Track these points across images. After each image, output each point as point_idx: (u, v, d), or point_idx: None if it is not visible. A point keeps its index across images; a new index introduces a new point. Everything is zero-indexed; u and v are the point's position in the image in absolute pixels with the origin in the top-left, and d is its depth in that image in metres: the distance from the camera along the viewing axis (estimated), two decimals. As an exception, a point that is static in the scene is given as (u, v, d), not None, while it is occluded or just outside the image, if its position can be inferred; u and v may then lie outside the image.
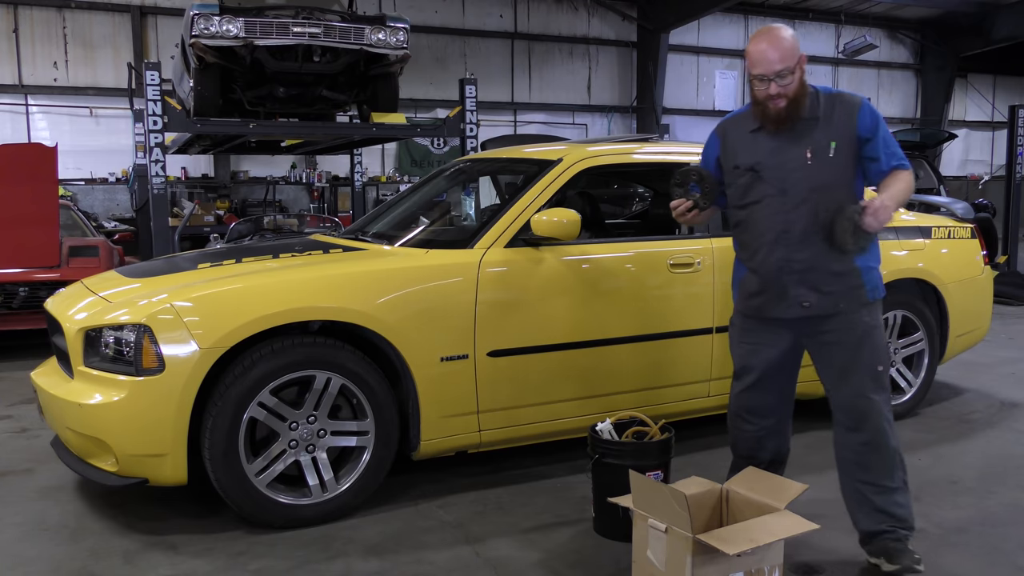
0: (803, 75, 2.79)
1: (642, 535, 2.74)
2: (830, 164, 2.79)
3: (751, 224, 2.92)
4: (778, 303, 2.89)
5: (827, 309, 2.84)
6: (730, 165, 2.96)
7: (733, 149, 2.95)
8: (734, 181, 2.95)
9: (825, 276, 2.82)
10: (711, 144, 3.08)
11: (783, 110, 2.78)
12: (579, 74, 16.38)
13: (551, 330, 3.65)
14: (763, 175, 2.84)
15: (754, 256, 2.93)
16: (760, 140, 2.87)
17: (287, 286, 3.35)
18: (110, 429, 3.12)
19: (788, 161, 2.81)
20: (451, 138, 11.45)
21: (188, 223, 9.61)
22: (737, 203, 2.96)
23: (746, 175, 2.89)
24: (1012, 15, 16.60)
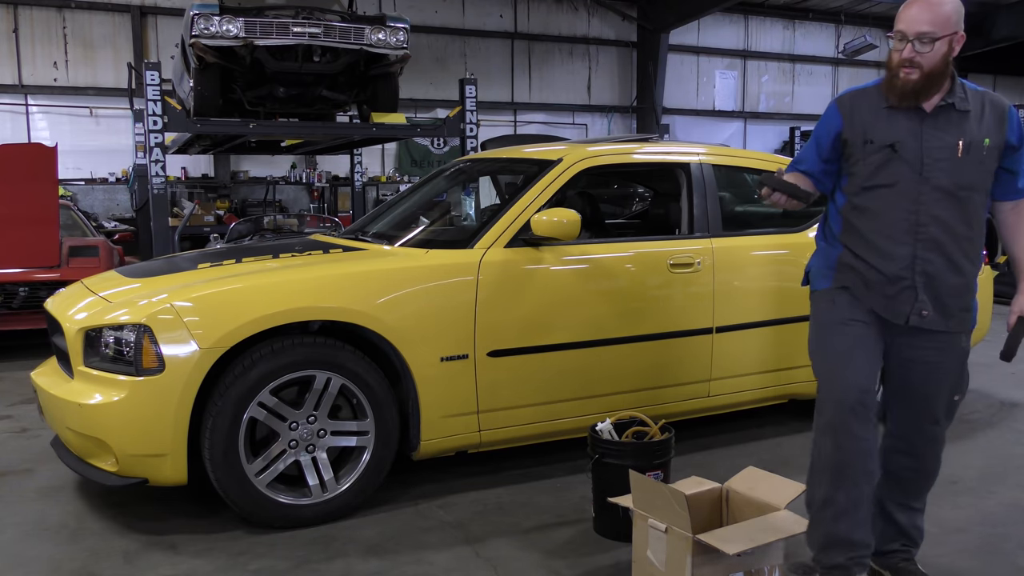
0: (951, 53, 2.44)
1: (642, 535, 2.74)
2: (980, 163, 2.50)
3: (877, 209, 2.54)
4: (894, 305, 2.54)
5: (939, 324, 2.55)
6: (859, 139, 2.57)
7: (864, 123, 2.57)
8: (863, 158, 2.55)
9: (948, 287, 2.52)
10: (830, 118, 2.66)
11: (913, 83, 2.43)
12: (579, 74, 16.37)
13: (551, 330, 3.65)
14: (904, 156, 2.49)
15: (873, 245, 2.55)
16: (901, 119, 2.52)
17: (287, 286, 3.35)
18: (110, 429, 3.12)
19: (936, 149, 2.47)
20: (451, 138, 11.46)
21: (188, 223, 9.60)
22: (864, 183, 2.56)
23: (882, 152, 2.52)
24: (1012, 15, 16.60)
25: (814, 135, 2.72)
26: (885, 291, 2.54)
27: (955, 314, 2.56)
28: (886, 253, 2.53)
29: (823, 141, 2.68)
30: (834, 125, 2.65)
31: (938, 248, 2.50)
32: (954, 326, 2.57)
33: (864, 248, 2.57)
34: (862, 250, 2.58)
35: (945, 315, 2.54)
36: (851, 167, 2.62)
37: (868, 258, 2.56)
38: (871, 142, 2.54)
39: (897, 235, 2.51)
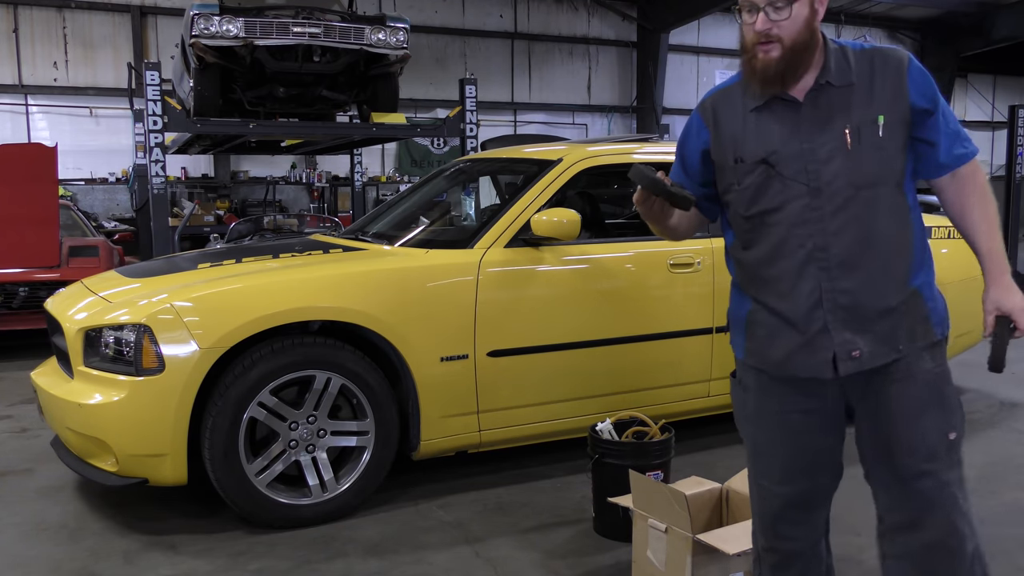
0: (815, 17, 1.91)
1: (642, 535, 2.74)
2: (879, 148, 1.91)
3: (766, 241, 1.98)
4: (813, 355, 1.95)
5: (883, 356, 1.95)
6: (728, 159, 2.02)
7: (731, 136, 2.02)
8: (737, 183, 2.01)
9: (879, 311, 1.94)
10: (693, 132, 2.12)
11: (775, 62, 1.88)
12: (579, 74, 16.38)
13: (551, 330, 3.65)
14: (781, 170, 1.93)
15: (771, 287, 2.00)
16: (770, 122, 1.96)
17: (287, 286, 3.35)
18: (110, 429, 3.12)
19: (818, 147, 1.91)
20: (451, 138, 11.46)
21: (188, 223, 9.61)
22: (743, 211, 2.00)
23: (755, 171, 1.97)
24: (1012, 15, 16.60)
25: (677, 153, 2.17)
26: (796, 340, 1.97)
27: (903, 335, 1.96)
28: (786, 292, 1.97)
29: (691, 160, 2.12)
30: (699, 140, 2.10)
31: (849, 270, 1.92)
32: (908, 347, 1.96)
33: (767, 293, 2.01)
34: (768, 298, 2.01)
35: (888, 342, 1.95)
36: (726, 195, 2.06)
37: (767, 300, 2.01)
38: (741, 160, 1.98)
39: (794, 268, 1.94)
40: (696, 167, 2.12)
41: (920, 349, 1.97)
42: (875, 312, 1.94)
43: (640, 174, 1.99)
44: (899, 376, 1.97)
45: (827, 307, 1.93)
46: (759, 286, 2.02)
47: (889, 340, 1.95)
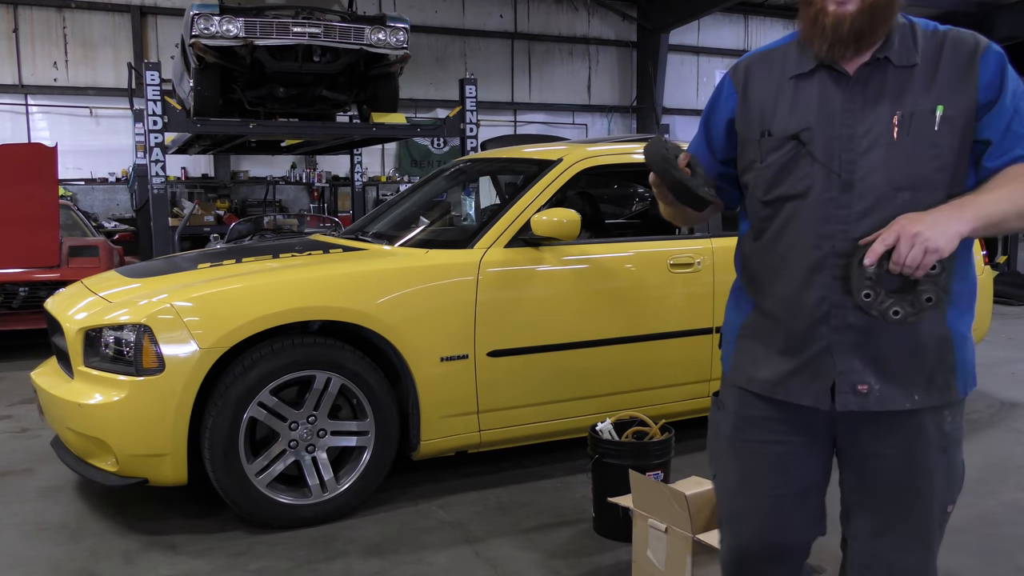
0: None
1: (642, 535, 2.74)
2: (932, 146, 1.57)
3: (780, 233, 1.67)
4: (811, 380, 1.65)
5: (895, 401, 1.62)
6: (754, 132, 1.71)
7: (760, 104, 1.71)
8: (760, 159, 1.70)
9: (900, 343, 1.61)
10: (722, 99, 1.81)
11: (850, 19, 1.55)
12: (579, 74, 16.37)
13: (551, 330, 3.65)
14: (813, 150, 1.62)
15: (775, 290, 1.70)
16: (812, 91, 1.64)
17: (287, 286, 3.35)
18: (110, 429, 3.12)
19: (859, 133, 1.59)
20: (451, 138, 11.46)
21: (188, 223, 9.61)
22: (762, 195, 1.70)
23: (783, 148, 1.65)
24: (1012, 15, 16.60)
25: (701, 121, 1.87)
26: (793, 358, 1.67)
27: (922, 380, 1.62)
28: (790, 297, 1.66)
29: (715, 132, 1.82)
30: (726, 108, 1.79)
31: None
32: (924, 399, 1.63)
33: (769, 297, 1.71)
34: (769, 304, 1.71)
35: (904, 385, 1.61)
36: (746, 173, 1.76)
37: (773, 311, 1.70)
38: (768, 134, 1.68)
39: (804, 271, 1.63)
40: (721, 141, 1.81)
41: (939, 406, 1.64)
42: (892, 345, 1.60)
43: (654, 153, 1.67)
44: (908, 431, 1.64)
45: (834, 324, 1.61)
46: (762, 286, 1.73)
47: (905, 384, 1.61)
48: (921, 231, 1.43)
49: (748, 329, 1.77)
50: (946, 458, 1.68)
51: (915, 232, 1.43)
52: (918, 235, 1.42)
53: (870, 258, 1.46)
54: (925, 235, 1.42)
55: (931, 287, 1.47)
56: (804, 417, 1.71)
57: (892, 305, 1.48)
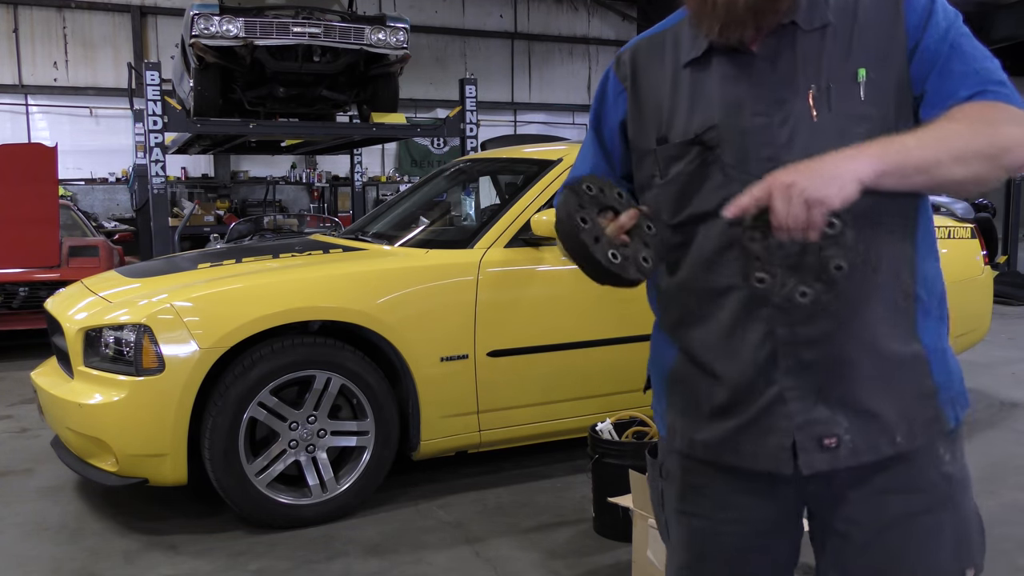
0: None
1: (642, 535, 2.74)
2: (861, 120, 1.25)
3: (698, 262, 1.32)
4: (762, 438, 1.30)
5: (873, 451, 1.27)
6: (649, 140, 1.36)
7: (655, 104, 1.37)
8: (659, 173, 1.35)
9: (874, 368, 1.26)
10: (609, 98, 1.44)
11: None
12: (579, 74, 16.38)
13: (551, 330, 3.65)
14: (723, 154, 1.28)
15: (703, 331, 1.34)
16: (709, 79, 1.31)
17: (287, 286, 3.36)
18: (110, 429, 3.12)
19: (775, 122, 1.26)
20: (451, 138, 11.46)
21: (188, 223, 9.61)
22: (668, 218, 1.34)
23: (686, 156, 1.31)
24: (1012, 15, 16.60)
25: (589, 130, 1.50)
26: (738, 414, 1.31)
27: (900, 415, 1.27)
28: (723, 341, 1.31)
29: (610, 140, 1.45)
30: (615, 110, 1.43)
31: (819, 310, 1.23)
32: (907, 439, 1.27)
33: (697, 340, 1.35)
34: (698, 350, 1.35)
35: (882, 428, 1.26)
36: (644, 191, 1.39)
37: (704, 357, 1.34)
38: (665, 140, 1.33)
39: (737, 304, 1.28)
40: (619, 151, 1.44)
41: (929, 444, 1.28)
42: (860, 377, 1.25)
43: (566, 206, 1.27)
44: (897, 485, 1.28)
45: (784, 366, 1.25)
46: (686, 328, 1.36)
47: (880, 424, 1.26)
48: (796, 180, 1.06)
49: (677, 379, 1.40)
50: (953, 510, 1.29)
51: (788, 183, 1.06)
52: (792, 186, 1.06)
53: (730, 211, 1.10)
54: (801, 184, 1.05)
55: (836, 251, 1.09)
56: (762, 484, 1.33)
57: (796, 286, 1.10)
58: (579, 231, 1.23)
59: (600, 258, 1.23)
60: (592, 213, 1.26)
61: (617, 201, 1.30)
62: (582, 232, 1.23)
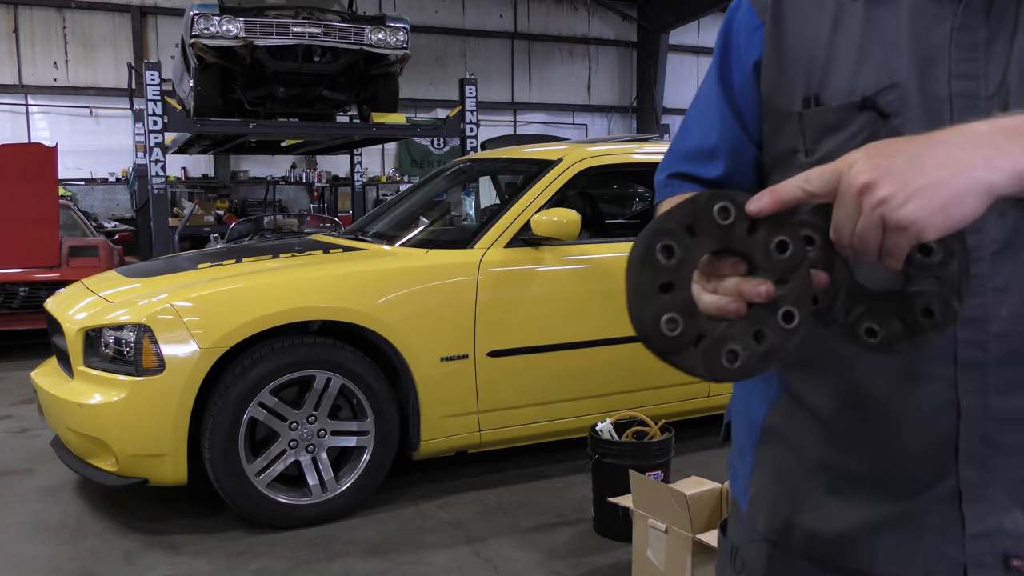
0: None
1: (642, 535, 2.74)
2: None
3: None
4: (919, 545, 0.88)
5: None
6: (793, 98, 0.94)
7: (806, 47, 0.94)
8: (804, 148, 0.94)
9: None
10: (740, 35, 1.00)
11: None
12: (579, 74, 16.38)
13: (551, 330, 3.65)
14: (905, 124, 0.85)
15: (840, 370, 0.92)
16: (891, 17, 0.88)
17: (287, 286, 3.36)
18: (110, 429, 3.12)
19: (991, 82, 0.82)
20: (451, 138, 11.47)
21: (188, 223, 9.61)
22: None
23: (849, 125, 0.90)
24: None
25: (713, 82, 1.04)
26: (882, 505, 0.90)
27: None
28: (875, 398, 0.90)
29: (742, 92, 1.01)
30: (749, 51, 1.00)
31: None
32: None
33: (829, 390, 0.94)
34: (828, 397, 0.94)
35: None
36: (778, 173, 0.97)
37: (844, 418, 0.93)
38: (817, 101, 0.92)
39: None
40: (755, 107, 1.00)
41: None
42: None
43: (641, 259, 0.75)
44: None
45: (968, 451, 0.85)
46: (808, 364, 0.94)
47: None
48: (877, 182, 0.67)
49: (779, 427, 0.99)
50: None
51: (864, 185, 0.67)
52: (868, 192, 0.67)
53: (756, 203, 0.72)
54: (883, 194, 0.66)
55: (930, 286, 0.73)
56: None
57: (863, 317, 0.76)
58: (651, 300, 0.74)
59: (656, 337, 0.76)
60: (696, 255, 0.74)
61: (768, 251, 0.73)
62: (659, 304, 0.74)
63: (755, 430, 1.03)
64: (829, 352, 0.90)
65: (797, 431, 0.97)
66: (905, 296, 0.75)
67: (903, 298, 0.75)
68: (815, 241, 0.75)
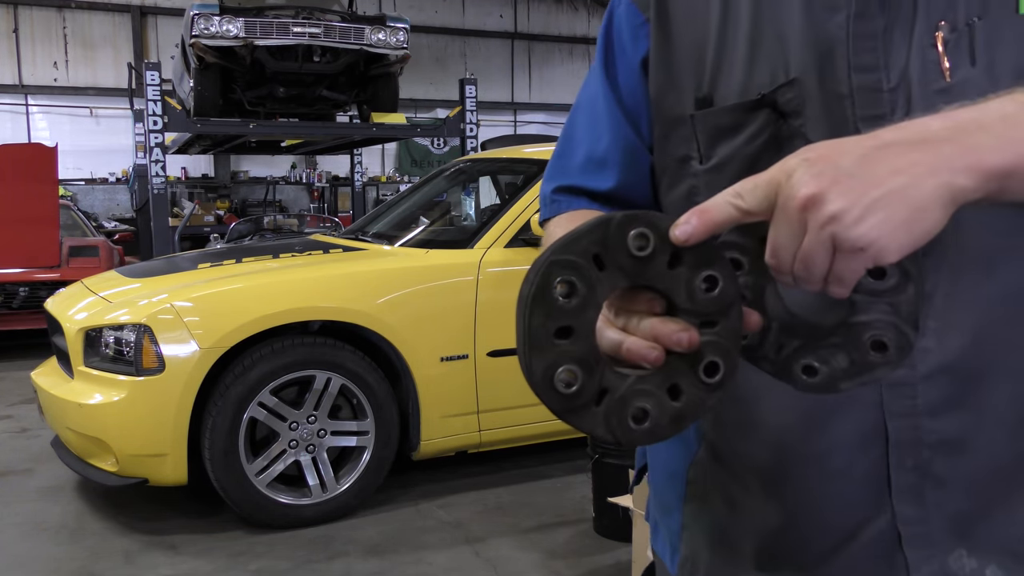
0: None
1: (642, 535, 2.74)
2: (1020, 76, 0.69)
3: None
4: None
5: None
6: (682, 99, 0.84)
7: (695, 40, 0.84)
8: (700, 155, 0.83)
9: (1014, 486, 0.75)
10: (621, 34, 0.91)
11: None
12: (579, 74, 16.37)
13: (551, 330, 3.65)
14: (806, 124, 0.76)
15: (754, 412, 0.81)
16: (784, 3, 0.79)
17: (287, 286, 3.36)
18: (110, 429, 3.12)
19: (893, 74, 0.73)
20: (451, 138, 11.47)
21: (188, 223, 9.61)
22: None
23: (746, 128, 0.80)
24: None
25: (597, 78, 0.94)
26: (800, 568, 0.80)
27: None
28: (787, 440, 0.79)
29: (630, 94, 0.90)
30: (635, 48, 0.89)
31: (962, 392, 0.74)
32: None
33: (746, 435, 0.83)
34: (745, 443, 0.83)
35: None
36: (672, 187, 0.88)
37: (751, 463, 0.83)
38: (709, 100, 0.82)
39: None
40: (645, 110, 0.89)
41: None
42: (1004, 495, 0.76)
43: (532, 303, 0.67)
44: None
45: (901, 483, 0.75)
46: (739, 428, 0.84)
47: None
48: (824, 194, 0.54)
49: (703, 482, 0.88)
50: None
51: (810, 197, 0.55)
52: (815, 206, 0.55)
53: (682, 228, 0.59)
54: (833, 208, 0.54)
55: (881, 314, 0.61)
56: None
57: (798, 352, 0.63)
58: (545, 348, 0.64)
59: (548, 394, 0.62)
60: (602, 294, 0.60)
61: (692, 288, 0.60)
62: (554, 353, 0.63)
63: (679, 484, 0.90)
64: (744, 396, 0.79)
65: (724, 487, 0.85)
66: (851, 327, 0.62)
67: (848, 329, 0.62)
68: (743, 265, 0.62)
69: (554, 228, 0.92)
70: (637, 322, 0.61)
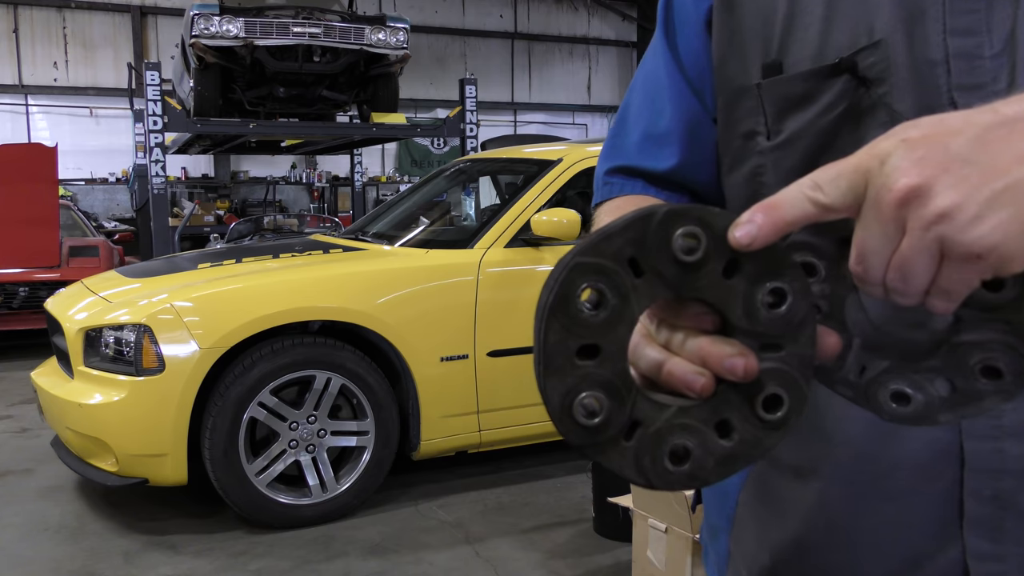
0: None
1: (642, 535, 2.74)
2: None
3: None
4: None
5: None
6: (747, 66, 0.75)
7: (760, 7, 0.74)
8: (766, 128, 0.73)
9: None
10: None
11: None
12: (579, 74, 16.38)
13: (551, 330, 3.65)
14: (891, 93, 0.65)
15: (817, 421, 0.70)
16: None
17: (287, 286, 3.36)
18: (110, 429, 3.12)
19: (996, 37, 0.62)
20: (451, 138, 11.47)
21: (188, 223, 9.62)
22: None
23: (820, 96, 0.69)
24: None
25: (658, 43, 0.86)
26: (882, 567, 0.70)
27: None
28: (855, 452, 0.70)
29: (694, 62, 0.82)
30: (697, 8, 0.80)
31: None
32: None
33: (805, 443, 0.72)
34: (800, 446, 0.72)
35: None
36: (735, 166, 0.78)
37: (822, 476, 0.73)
38: (778, 67, 0.72)
39: None
40: (710, 78, 0.81)
41: None
42: None
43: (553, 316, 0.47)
44: None
45: (974, 514, 0.65)
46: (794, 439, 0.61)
47: None
48: (930, 186, 0.42)
49: (754, 505, 0.80)
50: None
51: (914, 188, 0.42)
52: (922, 200, 0.42)
53: (743, 229, 0.46)
54: (960, 210, 0.42)
55: (995, 334, 0.49)
56: None
57: (888, 376, 0.52)
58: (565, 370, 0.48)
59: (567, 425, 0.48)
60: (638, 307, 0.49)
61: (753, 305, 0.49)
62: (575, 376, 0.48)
63: (728, 506, 0.81)
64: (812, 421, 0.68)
65: (774, 508, 0.76)
66: (955, 347, 0.50)
67: (952, 350, 0.50)
68: (817, 271, 0.50)
69: (603, 215, 0.82)
70: (682, 340, 0.49)
